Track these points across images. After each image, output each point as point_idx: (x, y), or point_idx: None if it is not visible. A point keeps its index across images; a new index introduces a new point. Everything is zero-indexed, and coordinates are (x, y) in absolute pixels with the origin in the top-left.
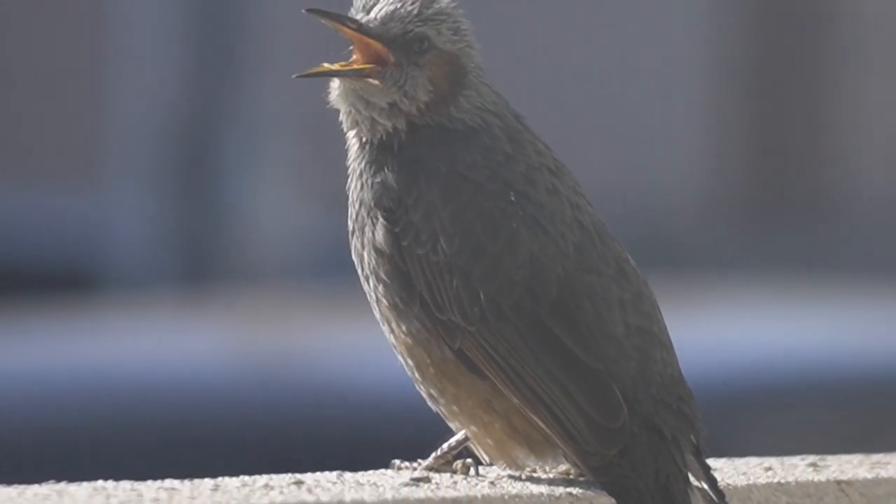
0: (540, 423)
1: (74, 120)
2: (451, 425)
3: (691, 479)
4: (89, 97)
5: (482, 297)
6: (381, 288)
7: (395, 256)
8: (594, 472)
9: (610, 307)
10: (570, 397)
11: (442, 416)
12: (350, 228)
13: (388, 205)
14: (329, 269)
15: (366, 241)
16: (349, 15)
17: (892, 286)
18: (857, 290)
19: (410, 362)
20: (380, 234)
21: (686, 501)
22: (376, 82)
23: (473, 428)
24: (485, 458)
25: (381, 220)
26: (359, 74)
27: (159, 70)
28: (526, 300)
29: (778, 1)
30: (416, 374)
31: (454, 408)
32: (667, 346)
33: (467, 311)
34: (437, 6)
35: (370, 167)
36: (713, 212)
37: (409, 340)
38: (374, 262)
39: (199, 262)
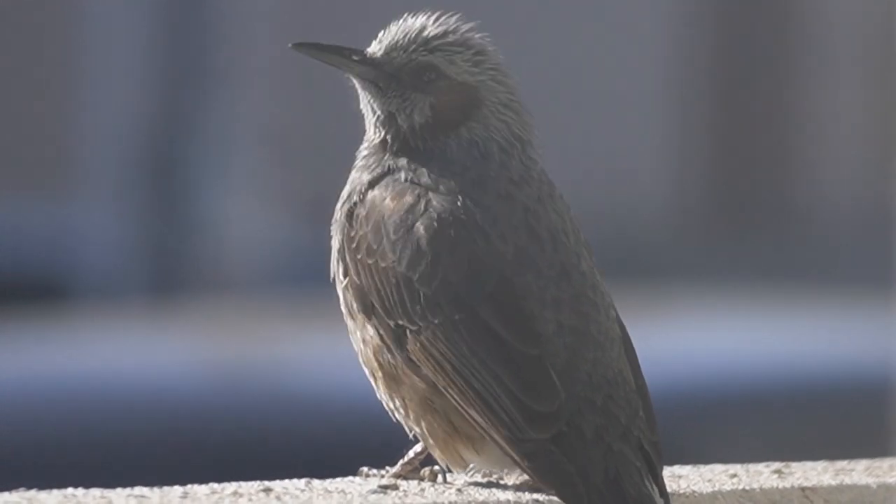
0: (476, 416)
1: (44, 131)
2: (409, 432)
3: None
4: (59, 108)
5: (422, 296)
6: (340, 295)
7: (350, 267)
8: (526, 458)
9: (544, 306)
10: (503, 384)
11: (401, 424)
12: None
13: (346, 219)
14: (296, 279)
15: (333, 249)
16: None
17: (856, 295)
18: (822, 299)
19: (367, 370)
20: (337, 244)
21: (641, 493)
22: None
23: (418, 430)
24: (437, 460)
25: (340, 231)
26: (350, 70)
27: (128, 81)
28: (463, 295)
29: (742, 11)
30: (373, 383)
31: (402, 411)
32: (603, 346)
33: (409, 312)
34: (453, 38)
35: (355, 175)
36: (678, 221)
37: (363, 347)
38: (335, 270)
39: (168, 272)
